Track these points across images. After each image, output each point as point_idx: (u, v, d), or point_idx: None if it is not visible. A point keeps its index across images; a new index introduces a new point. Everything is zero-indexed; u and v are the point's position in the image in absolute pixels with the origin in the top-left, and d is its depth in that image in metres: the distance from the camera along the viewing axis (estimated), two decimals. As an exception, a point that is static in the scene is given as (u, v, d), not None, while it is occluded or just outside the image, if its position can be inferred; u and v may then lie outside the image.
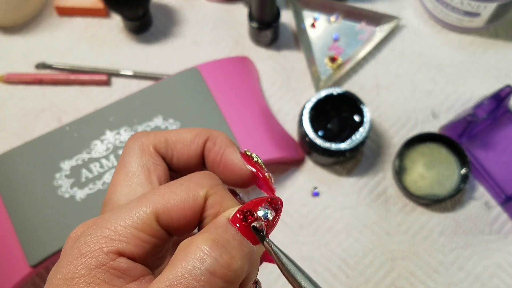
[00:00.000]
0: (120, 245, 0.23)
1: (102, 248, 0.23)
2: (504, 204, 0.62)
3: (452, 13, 0.67)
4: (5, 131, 0.66)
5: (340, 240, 0.61)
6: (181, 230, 0.25)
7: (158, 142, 0.28)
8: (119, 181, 0.28)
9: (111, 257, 0.23)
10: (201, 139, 0.29)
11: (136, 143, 0.28)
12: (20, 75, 0.68)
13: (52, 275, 0.24)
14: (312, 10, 0.71)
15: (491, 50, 0.69)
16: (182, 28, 0.71)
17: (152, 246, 0.25)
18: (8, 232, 0.55)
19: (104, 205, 0.28)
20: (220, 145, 0.29)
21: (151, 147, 0.28)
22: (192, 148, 0.29)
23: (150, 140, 0.28)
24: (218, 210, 0.26)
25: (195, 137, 0.29)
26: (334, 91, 0.61)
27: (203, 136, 0.29)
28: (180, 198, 0.25)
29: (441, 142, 0.63)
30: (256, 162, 0.29)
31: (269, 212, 0.25)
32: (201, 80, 0.62)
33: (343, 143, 0.60)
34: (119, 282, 0.23)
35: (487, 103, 0.60)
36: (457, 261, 0.60)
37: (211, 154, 0.29)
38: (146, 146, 0.28)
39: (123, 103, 0.60)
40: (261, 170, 0.28)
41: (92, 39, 0.70)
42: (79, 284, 0.23)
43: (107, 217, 0.24)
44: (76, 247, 0.24)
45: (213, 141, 0.29)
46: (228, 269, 0.23)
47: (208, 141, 0.29)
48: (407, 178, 0.62)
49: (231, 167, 0.29)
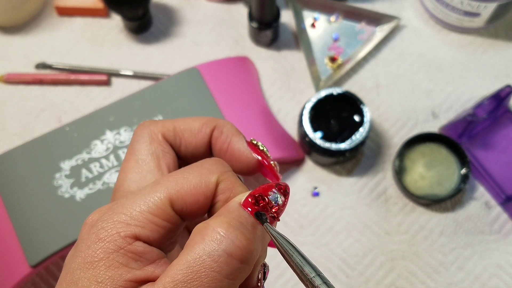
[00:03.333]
0: (137, 229, 0.24)
1: (120, 232, 0.24)
2: (504, 204, 0.62)
3: (452, 13, 0.67)
4: (5, 131, 0.66)
5: (340, 240, 0.61)
6: (194, 215, 0.26)
7: (166, 131, 0.29)
8: (129, 168, 0.28)
9: (128, 241, 0.24)
10: (209, 128, 0.29)
11: (145, 131, 0.29)
12: (20, 75, 0.68)
13: (70, 260, 0.25)
14: (312, 10, 0.71)
15: (491, 50, 0.69)
16: (182, 28, 0.71)
17: (167, 230, 0.25)
18: (8, 232, 0.55)
19: (114, 191, 0.29)
20: (227, 133, 0.29)
21: (160, 135, 0.29)
22: (200, 137, 0.29)
23: (158, 129, 0.29)
24: (229, 196, 0.26)
25: (203, 126, 0.29)
26: (334, 91, 0.61)
27: (210, 125, 0.29)
28: (193, 184, 0.26)
29: (441, 142, 0.63)
30: (262, 150, 0.29)
31: (278, 196, 0.26)
32: (201, 80, 0.62)
33: (343, 143, 0.60)
34: (136, 265, 0.24)
35: (487, 103, 0.60)
36: (457, 261, 0.60)
37: (218, 142, 0.30)
38: (155, 134, 0.29)
39: (123, 103, 0.60)
40: (266, 159, 0.29)
41: (92, 39, 0.70)
42: (98, 267, 0.23)
43: (122, 203, 0.25)
44: (93, 232, 0.24)
45: (220, 130, 0.30)
46: (244, 250, 0.24)
47: (215, 130, 0.30)
48: (407, 178, 0.62)
49: (237, 155, 0.29)
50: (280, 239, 0.25)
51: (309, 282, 0.24)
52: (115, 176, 0.57)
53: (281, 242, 0.25)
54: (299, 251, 0.25)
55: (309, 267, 0.24)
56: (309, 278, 0.24)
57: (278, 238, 0.25)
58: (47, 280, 0.60)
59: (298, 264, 0.24)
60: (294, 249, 0.25)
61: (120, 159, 0.58)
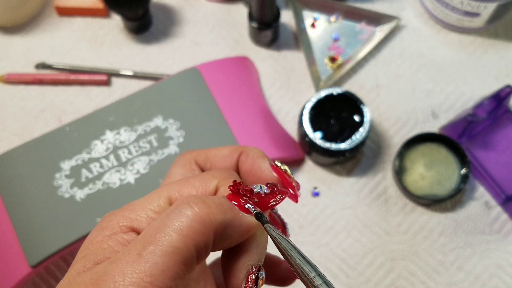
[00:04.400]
0: (135, 223, 0.27)
1: (119, 223, 0.27)
2: (504, 204, 0.62)
3: (452, 13, 0.67)
4: (5, 131, 0.66)
5: (340, 240, 0.61)
6: None
7: (199, 157, 0.33)
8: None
9: (123, 230, 0.27)
10: (236, 153, 0.32)
11: (181, 158, 0.33)
12: (20, 75, 0.68)
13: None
14: (312, 10, 0.71)
15: (491, 50, 0.69)
16: (182, 28, 0.71)
17: None
18: (8, 232, 0.55)
19: None
20: (252, 156, 0.32)
21: (193, 161, 0.33)
22: (227, 160, 0.32)
23: (192, 156, 0.33)
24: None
25: (231, 151, 0.32)
26: (334, 91, 0.61)
27: (238, 150, 0.32)
28: (193, 187, 0.28)
29: (441, 142, 0.63)
30: (284, 171, 0.31)
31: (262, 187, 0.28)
32: (201, 80, 0.62)
33: (343, 143, 0.60)
34: (121, 248, 0.26)
35: (487, 103, 0.60)
36: (457, 261, 0.60)
37: (244, 164, 0.32)
38: (189, 160, 0.33)
39: (123, 103, 0.60)
40: (287, 178, 0.31)
41: (92, 39, 0.70)
42: (92, 245, 0.27)
43: (133, 203, 0.28)
44: (100, 223, 0.28)
45: (246, 154, 0.32)
46: (201, 214, 0.25)
47: (242, 155, 0.32)
48: (407, 178, 0.62)
49: (259, 173, 0.31)
50: (281, 239, 0.26)
51: (310, 282, 0.24)
52: (115, 176, 0.57)
53: (281, 243, 0.26)
54: (299, 251, 0.25)
55: (309, 267, 0.25)
56: (309, 278, 0.24)
57: (278, 239, 0.26)
58: (47, 280, 0.60)
59: (299, 264, 0.25)
60: (294, 249, 0.25)
61: (120, 159, 0.58)
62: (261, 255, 0.28)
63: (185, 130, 0.59)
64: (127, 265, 0.24)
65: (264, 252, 0.28)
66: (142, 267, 0.24)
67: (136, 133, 0.59)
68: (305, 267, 0.25)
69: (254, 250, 0.28)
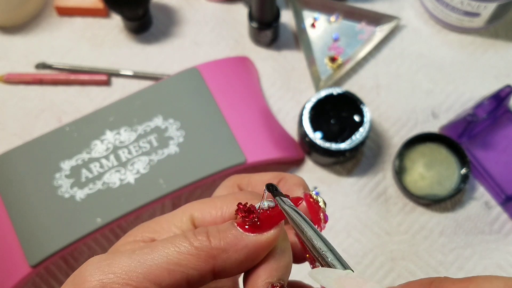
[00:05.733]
0: (156, 234, 0.28)
1: (143, 232, 0.28)
2: (504, 204, 0.62)
3: (452, 13, 0.67)
4: (5, 131, 0.66)
5: (340, 240, 0.61)
6: None
7: (242, 181, 0.33)
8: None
9: (144, 239, 0.28)
10: (277, 179, 0.32)
11: (227, 180, 0.34)
12: (20, 75, 0.68)
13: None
14: (312, 10, 0.71)
15: (491, 50, 0.69)
16: (182, 28, 0.71)
17: None
18: (8, 232, 0.55)
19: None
20: (290, 183, 0.32)
21: (236, 185, 0.33)
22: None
23: (237, 180, 0.33)
24: None
25: (273, 177, 0.33)
26: (334, 91, 0.61)
27: (279, 176, 0.33)
28: (215, 207, 0.29)
29: (441, 142, 0.63)
30: (316, 202, 0.31)
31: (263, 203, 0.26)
32: (201, 80, 0.62)
33: (343, 143, 0.60)
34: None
35: (487, 103, 0.60)
36: (457, 261, 0.60)
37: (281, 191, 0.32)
38: (232, 183, 0.33)
39: (123, 103, 0.60)
40: (315, 210, 0.31)
41: (92, 39, 0.70)
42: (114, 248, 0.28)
43: (161, 216, 0.30)
44: (130, 231, 0.29)
45: (285, 180, 0.32)
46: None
47: (281, 181, 0.32)
48: (407, 178, 0.62)
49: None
50: (293, 213, 0.26)
51: (321, 257, 0.24)
52: (115, 176, 0.57)
53: (294, 216, 0.25)
54: (311, 226, 0.25)
55: (321, 242, 0.24)
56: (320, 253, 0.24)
57: (290, 213, 0.26)
58: (47, 280, 0.60)
59: (310, 238, 0.25)
60: (307, 224, 0.25)
61: (120, 159, 0.58)
62: (282, 272, 0.26)
63: (185, 130, 0.59)
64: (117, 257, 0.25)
65: (287, 269, 0.27)
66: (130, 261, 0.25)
67: (136, 133, 0.59)
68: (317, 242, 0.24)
69: (274, 266, 0.26)
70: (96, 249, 0.61)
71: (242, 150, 0.58)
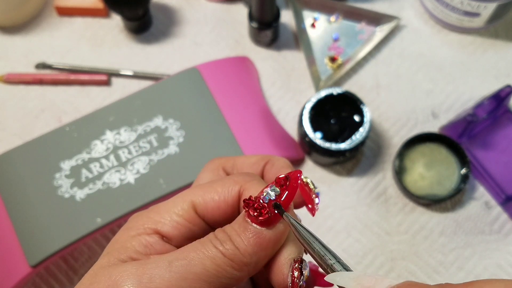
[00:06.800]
0: (159, 225, 0.29)
1: (144, 224, 0.29)
2: (504, 204, 0.62)
3: (452, 13, 0.67)
4: (5, 131, 0.66)
5: (340, 240, 0.61)
6: (217, 220, 0.29)
7: (227, 163, 0.33)
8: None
9: (147, 231, 0.28)
10: (263, 161, 0.33)
11: (209, 163, 0.34)
12: (20, 75, 0.68)
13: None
14: (312, 10, 0.71)
15: (491, 50, 0.69)
16: (182, 28, 0.71)
17: (188, 230, 0.29)
18: (8, 232, 0.55)
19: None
20: (277, 166, 0.32)
21: (220, 167, 0.33)
22: (254, 168, 0.33)
23: (221, 162, 0.34)
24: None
25: (258, 159, 0.33)
26: (334, 91, 0.61)
27: (265, 159, 0.33)
28: (216, 192, 0.29)
29: (441, 142, 0.63)
30: (306, 184, 0.32)
31: (269, 192, 0.27)
32: (201, 80, 0.62)
33: (343, 143, 0.60)
34: (142, 249, 0.28)
35: (487, 103, 0.60)
36: (457, 261, 0.60)
37: (268, 174, 0.33)
38: (216, 166, 0.33)
39: (123, 103, 0.60)
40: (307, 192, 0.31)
41: (92, 39, 0.70)
42: (117, 243, 0.28)
43: (159, 205, 0.30)
44: (127, 222, 0.30)
45: (272, 163, 0.33)
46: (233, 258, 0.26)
47: (268, 163, 0.33)
48: (407, 178, 0.62)
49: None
50: (299, 227, 0.26)
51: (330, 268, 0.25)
52: (115, 176, 0.57)
53: (301, 231, 0.26)
54: (318, 239, 0.26)
55: (329, 254, 0.25)
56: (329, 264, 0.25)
57: (297, 227, 0.26)
58: (47, 280, 0.60)
59: (318, 251, 0.25)
60: (313, 238, 0.26)
61: (120, 159, 0.58)
62: (300, 247, 0.28)
63: (185, 130, 0.59)
64: (156, 269, 0.26)
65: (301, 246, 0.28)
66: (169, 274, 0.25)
67: (136, 133, 0.59)
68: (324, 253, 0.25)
69: (292, 243, 0.28)
70: (96, 249, 0.62)
71: (242, 150, 0.58)
